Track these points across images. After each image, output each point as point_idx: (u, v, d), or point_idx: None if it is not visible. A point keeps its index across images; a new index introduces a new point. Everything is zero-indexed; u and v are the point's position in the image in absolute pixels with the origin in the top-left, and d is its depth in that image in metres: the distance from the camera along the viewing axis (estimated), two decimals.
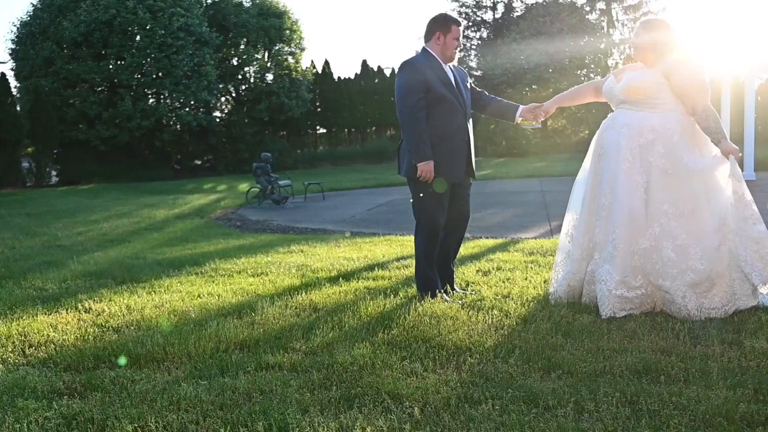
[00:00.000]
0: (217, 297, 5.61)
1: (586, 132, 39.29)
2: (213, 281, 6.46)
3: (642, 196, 4.82)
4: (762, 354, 3.84)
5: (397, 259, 7.47)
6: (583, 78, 37.39)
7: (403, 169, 5.32)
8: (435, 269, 5.32)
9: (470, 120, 5.44)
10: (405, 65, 5.18)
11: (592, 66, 38.71)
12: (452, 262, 5.62)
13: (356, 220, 13.53)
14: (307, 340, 4.33)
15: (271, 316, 4.89)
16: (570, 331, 4.38)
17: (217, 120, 33.43)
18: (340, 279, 6.24)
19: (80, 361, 4.02)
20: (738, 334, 4.20)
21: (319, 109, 37.31)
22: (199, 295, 5.73)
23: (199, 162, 35.11)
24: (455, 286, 5.57)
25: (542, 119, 5.55)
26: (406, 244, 9.01)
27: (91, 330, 4.70)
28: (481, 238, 9.50)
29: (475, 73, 40.57)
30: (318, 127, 38.24)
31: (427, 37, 5.30)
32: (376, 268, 6.79)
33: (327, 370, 3.80)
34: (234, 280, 6.47)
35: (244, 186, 25.16)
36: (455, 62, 5.42)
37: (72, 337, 4.54)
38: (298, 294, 5.55)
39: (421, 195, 5.21)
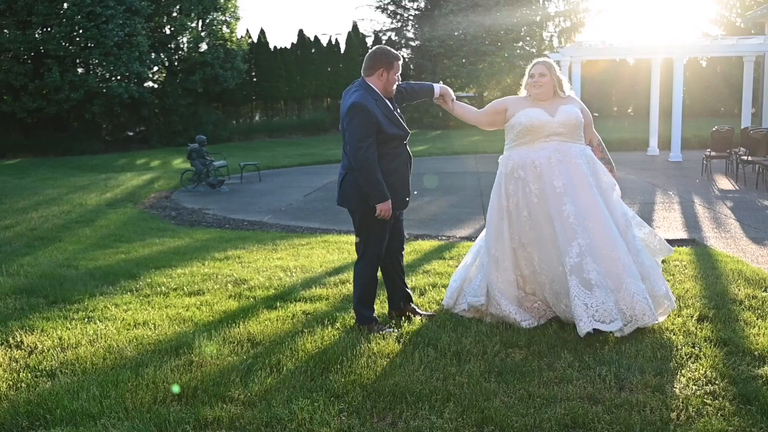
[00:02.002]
0: (153, 327, 5.57)
1: None
2: (148, 302, 6.41)
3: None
4: (683, 401, 4.04)
5: (335, 271, 7.51)
6: (518, 51, 37.67)
7: (352, 202, 5.34)
8: (373, 307, 5.44)
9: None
10: (358, 107, 5.12)
11: (528, 38, 39.03)
12: (404, 284, 5.76)
13: (293, 209, 13.51)
14: (246, 386, 4.36)
15: (209, 354, 4.90)
16: (503, 371, 4.52)
17: (150, 91, 32.62)
18: (278, 301, 6.25)
19: (14, 419, 3.97)
20: (661, 377, 4.39)
21: (254, 80, 36.78)
22: (134, 324, 5.68)
23: (131, 133, 34.33)
24: (417, 309, 5.74)
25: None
26: (343, 247, 9.07)
27: (24, 375, 4.63)
28: (417, 239, 9.62)
29: (412, 43, 40.48)
30: (254, 99, 37.70)
31: (370, 71, 5.29)
32: (313, 286, 6.82)
33: (265, 427, 3.85)
34: (170, 301, 6.43)
35: (177, 162, 24.81)
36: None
37: (5, 385, 4.47)
38: (235, 324, 5.55)
39: (370, 229, 5.29)
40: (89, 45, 29.22)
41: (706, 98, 37.04)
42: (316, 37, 37.94)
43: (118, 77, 30.39)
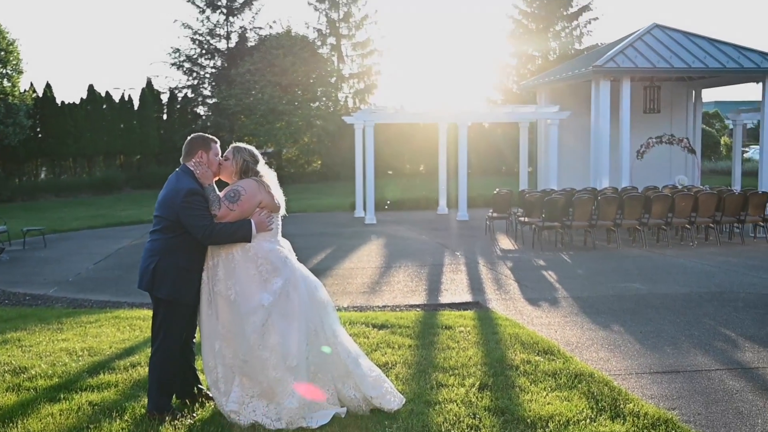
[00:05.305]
0: None
1: (319, 162, 40.59)
2: None
3: None
4: None
5: (125, 352, 7.25)
6: (315, 111, 38.51)
7: (163, 291, 5.23)
8: (171, 395, 5.35)
9: None
10: (195, 192, 5.18)
11: (324, 99, 40.03)
12: (195, 369, 5.72)
13: (82, 279, 12.84)
14: None
15: None
16: None
17: None
18: (62, 392, 5.93)
19: None
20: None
21: (40, 136, 34.74)
22: None
23: None
24: (210, 393, 5.61)
25: None
26: (135, 323, 8.77)
27: None
28: None
29: (209, 101, 40.20)
30: (39, 156, 35.54)
31: (188, 157, 5.39)
32: (101, 371, 6.54)
33: None
34: None
35: None
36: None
37: None
38: (12, 422, 5.20)
39: (173, 321, 5.26)
40: None
41: (490, 157, 39.66)
42: (107, 92, 36.59)
43: None
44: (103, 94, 36.23)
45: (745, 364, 6.79)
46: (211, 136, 5.52)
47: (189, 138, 5.52)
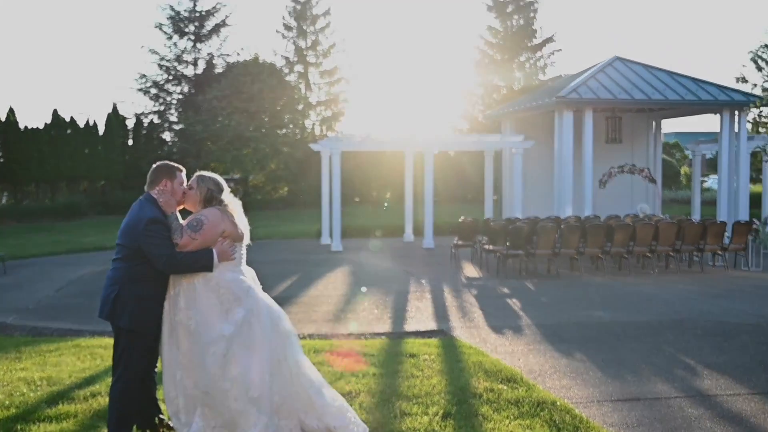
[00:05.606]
0: None
1: (286, 189, 40.53)
2: None
3: None
4: None
5: (86, 382, 7.15)
6: (282, 138, 38.56)
7: (123, 320, 5.18)
8: (130, 428, 5.29)
9: None
10: (157, 221, 5.14)
11: (291, 126, 40.12)
12: (156, 399, 5.65)
13: (43, 307, 12.63)
14: None
15: None
16: None
17: None
18: (18, 423, 5.83)
19: None
20: None
21: (2, 161, 34.28)
22: None
23: None
24: (171, 424, 5.54)
25: None
26: (96, 351, 8.66)
27: None
28: None
29: (175, 127, 40.06)
30: (1, 181, 35.01)
31: (152, 185, 5.36)
32: (60, 401, 6.44)
33: None
34: None
35: None
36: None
37: None
38: None
39: (134, 350, 5.21)
40: None
41: (456, 185, 39.94)
42: (72, 117, 36.20)
43: None
44: (67, 119, 35.90)
45: (704, 391, 6.91)
46: (176, 165, 5.51)
47: (154, 166, 5.50)
